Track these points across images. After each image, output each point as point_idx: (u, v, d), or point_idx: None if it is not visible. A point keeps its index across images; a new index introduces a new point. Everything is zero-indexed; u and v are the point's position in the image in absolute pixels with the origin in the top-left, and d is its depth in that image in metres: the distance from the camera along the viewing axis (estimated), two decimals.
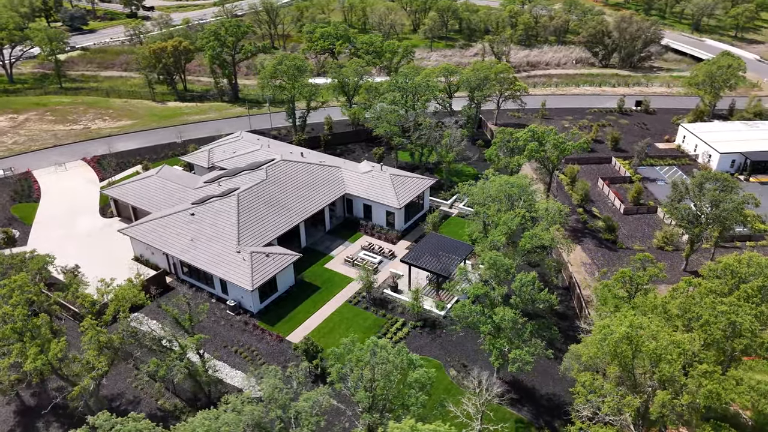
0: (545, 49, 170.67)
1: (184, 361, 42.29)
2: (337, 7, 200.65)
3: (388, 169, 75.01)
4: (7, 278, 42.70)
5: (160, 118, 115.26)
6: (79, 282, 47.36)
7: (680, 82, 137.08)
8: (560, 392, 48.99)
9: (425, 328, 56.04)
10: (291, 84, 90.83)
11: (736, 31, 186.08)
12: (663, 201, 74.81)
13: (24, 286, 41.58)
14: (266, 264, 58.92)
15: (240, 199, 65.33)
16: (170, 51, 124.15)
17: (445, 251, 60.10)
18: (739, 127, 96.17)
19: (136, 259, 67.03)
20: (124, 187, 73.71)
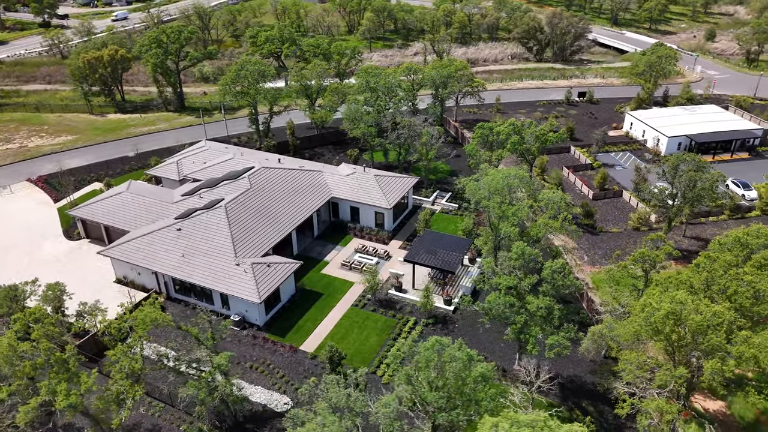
0: (481, 46, 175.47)
1: (222, 380, 40.36)
2: (270, 10, 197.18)
3: (371, 170, 74.74)
4: (20, 311, 39.04)
5: (104, 132, 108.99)
6: (99, 309, 43.99)
7: (614, 72, 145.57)
8: (580, 373, 50.72)
9: (437, 325, 56.38)
10: (254, 89, 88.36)
11: (650, 23, 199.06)
12: (634, 185, 79.08)
13: (44, 319, 38.10)
14: (269, 274, 57.22)
15: (228, 210, 63.01)
16: (107, 60, 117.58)
17: (443, 247, 60.66)
18: (678, 112, 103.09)
19: (118, 281, 63.13)
20: (92, 207, 69.14)
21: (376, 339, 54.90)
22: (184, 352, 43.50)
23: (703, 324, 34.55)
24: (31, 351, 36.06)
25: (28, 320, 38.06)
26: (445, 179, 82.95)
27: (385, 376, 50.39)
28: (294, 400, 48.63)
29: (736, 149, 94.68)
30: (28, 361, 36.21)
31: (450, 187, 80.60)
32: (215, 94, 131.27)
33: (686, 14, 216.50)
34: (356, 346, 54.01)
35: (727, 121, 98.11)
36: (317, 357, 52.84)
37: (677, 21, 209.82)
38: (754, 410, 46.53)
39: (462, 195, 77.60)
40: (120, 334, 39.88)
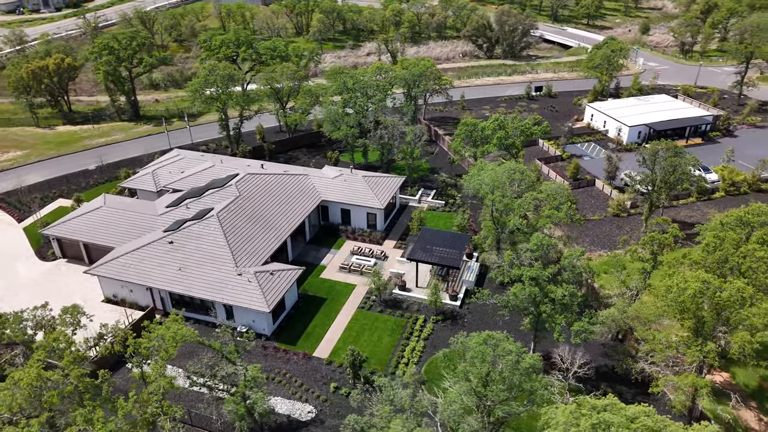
0: (431, 44, 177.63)
1: (260, 394, 39.05)
2: (213, 13, 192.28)
3: (358, 172, 74.29)
4: (48, 336, 36.24)
5: (56, 145, 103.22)
6: (122, 330, 41.45)
7: (563, 66, 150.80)
8: (595, 357, 52.17)
9: (446, 321, 56.71)
10: (226, 94, 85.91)
11: (588, 19, 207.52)
12: (606, 174, 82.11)
13: (70, 344, 35.55)
14: (273, 282, 55.88)
15: (221, 220, 61.07)
16: (53, 70, 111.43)
17: (443, 244, 61.10)
18: (634, 102, 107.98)
19: (107, 300, 59.97)
20: (69, 225, 65.31)
21: (389, 340, 54.66)
22: (206, 368, 41.76)
23: (729, 300, 36.44)
24: (60, 379, 33.61)
25: (53, 347, 35.46)
26: (427, 177, 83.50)
27: (406, 376, 50.17)
28: (317, 408, 47.73)
29: (690, 135, 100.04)
30: (54, 390, 33.77)
31: (433, 184, 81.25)
32: (170, 101, 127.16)
33: (619, 9, 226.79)
34: (370, 348, 53.57)
35: (679, 109, 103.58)
36: (333, 362, 52.06)
37: (611, 16, 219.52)
38: (757, 378, 49.47)
39: (447, 192, 78.58)
40: (147, 353, 37.66)
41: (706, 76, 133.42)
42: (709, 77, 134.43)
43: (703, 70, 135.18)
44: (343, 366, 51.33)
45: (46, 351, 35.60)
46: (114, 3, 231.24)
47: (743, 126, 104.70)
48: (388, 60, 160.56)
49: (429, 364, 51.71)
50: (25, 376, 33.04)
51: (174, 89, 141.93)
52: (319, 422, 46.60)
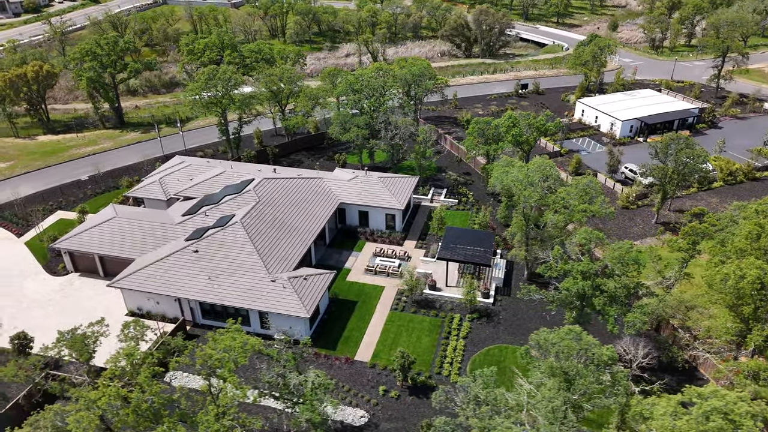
0: (409, 45, 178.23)
1: (333, 400, 38.32)
2: (185, 16, 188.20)
3: (372, 173, 73.83)
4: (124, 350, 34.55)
5: (42, 156, 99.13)
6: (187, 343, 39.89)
7: (543, 63, 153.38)
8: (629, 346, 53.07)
9: (482, 319, 56.90)
10: (228, 98, 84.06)
11: (557, 17, 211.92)
12: (608, 167, 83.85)
13: (146, 359, 34.01)
14: (308, 287, 55.01)
15: (245, 226, 59.74)
16: (31, 78, 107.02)
17: (471, 242, 61.35)
18: (622, 97, 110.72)
19: (131, 313, 57.88)
20: (82, 237, 62.74)
21: (428, 340, 54.50)
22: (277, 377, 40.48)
23: None
24: (139, 397, 32.13)
25: (130, 363, 33.85)
26: (435, 176, 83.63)
27: (452, 375, 50.18)
28: (369, 412, 47.20)
29: (678, 128, 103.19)
30: (128, 408, 32.28)
31: (442, 183, 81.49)
32: (151, 107, 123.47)
33: (586, 8, 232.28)
34: (411, 349, 53.25)
35: (666, 102, 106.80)
36: (376, 365, 51.60)
37: (579, 14, 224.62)
38: None
39: (459, 190, 78.92)
40: (218, 364, 36.21)
41: (680, 71, 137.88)
42: (683, 72, 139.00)
43: (676, 64, 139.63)
44: (388, 368, 50.93)
45: (119, 367, 33.96)
46: (75, 8, 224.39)
47: (726, 117, 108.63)
48: (368, 61, 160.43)
49: (473, 363, 51.80)
50: (104, 396, 31.48)
51: (153, 95, 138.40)
52: (374, 426, 46.10)
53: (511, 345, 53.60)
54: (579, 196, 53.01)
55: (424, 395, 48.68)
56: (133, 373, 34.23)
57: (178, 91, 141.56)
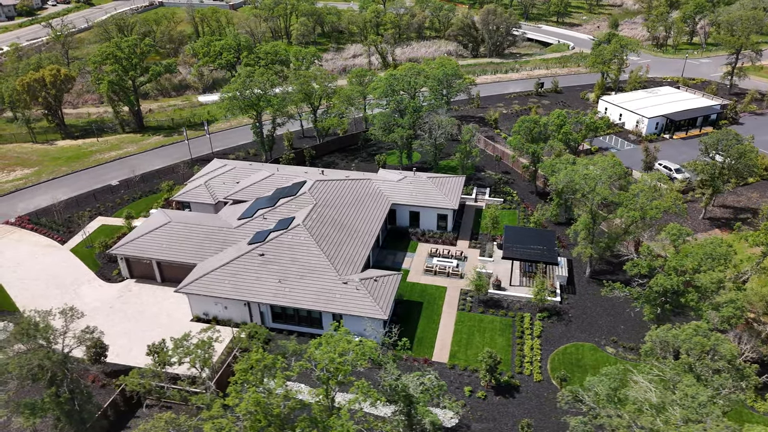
0: (414, 45, 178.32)
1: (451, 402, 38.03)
2: (186, 18, 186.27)
3: (421, 173, 73.66)
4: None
5: (66, 161, 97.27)
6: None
7: (553, 62, 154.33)
8: None
9: (552, 317, 57.01)
10: (265, 100, 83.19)
11: (557, 17, 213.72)
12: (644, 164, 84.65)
13: (275, 363, 33.31)
14: (380, 289, 54.65)
15: (308, 228, 59.17)
16: (49, 82, 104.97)
17: (533, 241, 61.49)
18: (643, 95, 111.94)
19: (197, 318, 56.97)
20: (139, 243, 61.60)
21: (502, 340, 54.46)
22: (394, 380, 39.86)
23: None
24: (277, 408, 31.52)
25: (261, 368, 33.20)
26: (474, 175, 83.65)
27: (535, 375, 50.18)
28: (459, 413, 46.95)
29: (702, 124, 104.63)
30: (260, 414, 31.65)
31: (483, 182, 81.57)
32: (164, 110, 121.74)
33: (583, 7, 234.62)
34: (487, 349, 53.04)
35: (688, 100, 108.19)
36: (456, 366, 51.43)
37: (577, 14, 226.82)
38: None
39: (502, 189, 79.03)
40: (341, 370, 35.62)
41: (688, 68, 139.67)
42: (691, 69, 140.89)
43: (683, 62, 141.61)
44: (468, 369, 50.79)
45: (262, 374, 33.21)
46: (70, 10, 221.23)
47: (745, 114, 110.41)
48: (377, 61, 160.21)
49: (552, 361, 51.89)
50: (243, 402, 30.77)
51: (164, 98, 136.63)
52: (465, 427, 45.90)
53: (587, 342, 53.80)
54: (649, 192, 53.43)
55: (510, 395, 48.64)
56: (260, 377, 33.57)
57: (189, 94, 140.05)
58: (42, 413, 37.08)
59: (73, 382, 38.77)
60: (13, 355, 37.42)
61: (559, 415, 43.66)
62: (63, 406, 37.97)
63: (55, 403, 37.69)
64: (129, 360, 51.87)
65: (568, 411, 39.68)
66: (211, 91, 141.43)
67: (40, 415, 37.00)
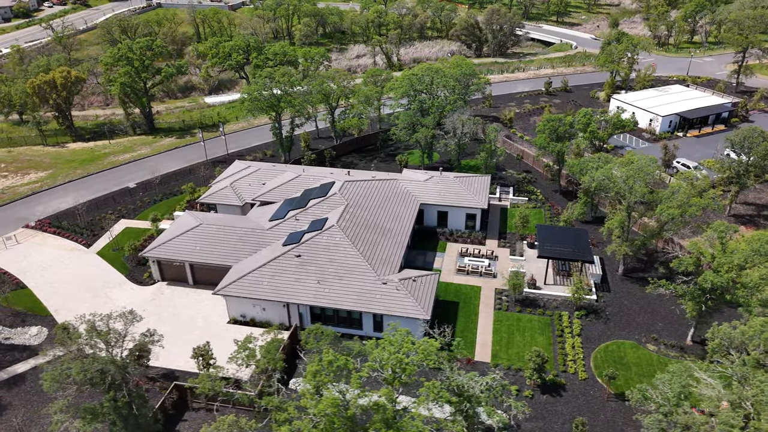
0: (417, 45, 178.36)
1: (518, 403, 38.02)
2: (187, 20, 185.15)
3: (447, 173, 73.65)
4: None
5: (81, 164, 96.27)
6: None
7: (557, 61, 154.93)
8: None
9: (590, 316, 57.13)
10: (286, 101, 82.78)
11: (557, 16, 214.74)
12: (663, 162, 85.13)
13: (346, 364, 33.02)
14: (419, 289, 54.52)
15: (343, 229, 58.93)
16: (60, 84, 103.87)
17: (566, 239, 61.62)
18: (654, 93, 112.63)
19: (234, 321, 56.53)
20: (171, 246, 61.05)
21: (543, 339, 54.50)
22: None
23: None
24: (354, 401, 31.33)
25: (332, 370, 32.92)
26: (496, 174, 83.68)
27: (579, 373, 50.27)
28: (509, 413, 46.86)
29: (713, 123, 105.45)
30: (333, 417, 31.43)
31: (505, 181, 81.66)
32: (171, 112, 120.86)
33: (582, 7, 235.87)
34: (528, 349, 53.09)
35: (700, 98, 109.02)
36: (500, 365, 51.42)
37: (576, 13, 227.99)
38: None
39: (526, 188, 79.15)
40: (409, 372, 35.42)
41: (693, 66, 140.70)
42: (694, 67, 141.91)
43: (686, 60, 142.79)
44: (512, 368, 50.79)
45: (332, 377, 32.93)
46: (67, 12, 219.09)
47: (754, 111, 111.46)
48: (382, 62, 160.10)
49: (595, 359, 52.01)
50: (323, 406, 30.46)
51: (170, 100, 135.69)
52: (516, 427, 45.89)
53: (627, 340, 53.97)
54: (687, 190, 53.73)
55: (557, 393, 48.69)
56: (333, 379, 33.32)
57: (194, 95, 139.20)
58: (102, 418, 36.59)
59: (132, 387, 38.30)
60: (72, 359, 36.86)
61: (609, 414, 43.74)
62: (121, 411, 37.50)
63: (112, 408, 37.20)
64: (169, 363, 51.44)
65: (620, 409, 39.75)
66: (217, 92, 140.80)
67: (100, 420, 36.51)
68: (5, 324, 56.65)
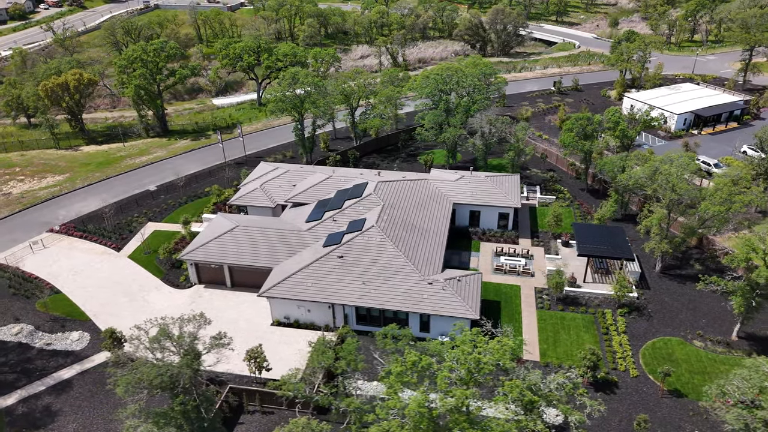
0: (421, 45, 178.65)
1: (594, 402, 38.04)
2: (189, 21, 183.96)
3: (478, 173, 73.71)
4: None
5: (98, 167, 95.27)
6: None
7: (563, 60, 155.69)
8: None
9: (632, 313, 57.33)
10: (310, 102, 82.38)
11: (557, 16, 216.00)
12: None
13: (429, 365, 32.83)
14: (465, 289, 54.46)
15: (383, 229, 58.74)
16: (73, 87, 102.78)
17: (604, 237, 61.87)
18: (666, 92, 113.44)
19: (278, 322, 56.13)
20: (209, 249, 60.46)
21: (589, 337, 54.63)
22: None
23: None
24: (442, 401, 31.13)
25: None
26: (521, 173, 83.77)
27: (630, 370, 50.43)
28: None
29: (727, 120, 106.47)
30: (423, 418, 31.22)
31: (530, 180, 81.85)
32: (180, 114, 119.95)
33: (580, 6, 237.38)
34: (576, 347, 53.29)
35: (712, 96, 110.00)
36: (550, 364, 51.46)
37: (575, 13, 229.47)
38: None
39: (553, 187, 79.38)
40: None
41: (697, 65, 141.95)
42: (700, 65, 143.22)
43: (692, 59, 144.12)
44: (562, 365, 50.85)
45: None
46: (63, 14, 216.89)
47: (765, 108, 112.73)
48: (387, 62, 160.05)
49: (643, 356, 52.22)
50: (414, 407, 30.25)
51: (177, 102, 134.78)
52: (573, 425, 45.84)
53: (673, 337, 54.25)
54: (730, 186, 54.22)
55: (610, 391, 48.82)
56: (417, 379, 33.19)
57: (202, 97, 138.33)
58: (174, 421, 36.15)
59: (201, 390, 37.87)
60: (143, 364, 36.38)
61: (666, 410, 43.92)
62: (190, 414, 37.07)
63: (181, 412, 36.76)
64: (217, 366, 50.80)
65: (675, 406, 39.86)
66: (224, 93, 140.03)
67: (173, 424, 36.06)
68: (45, 329, 55.83)
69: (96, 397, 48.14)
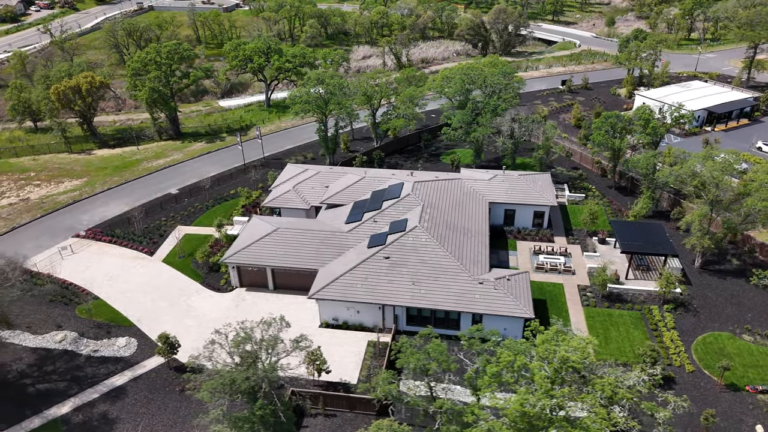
0: (422, 45, 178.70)
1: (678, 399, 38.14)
2: (187, 22, 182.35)
3: (511, 172, 73.81)
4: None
5: (115, 171, 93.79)
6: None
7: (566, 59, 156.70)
8: None
9: (678, 309, 57.68)
10: (335, 103, 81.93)
11: (553, 15, 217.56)
12: None
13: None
14: (516, 288, 54.44)
15: (427, 229, 58.54)
16: (85, 90, 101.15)
17: (644, 234, 62.27)
18: (676, 89, 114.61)
19: (326, 324, 55.67)
20: (251, 251, 59.76)
21: (638, 334, 54.86)
22: None
23: None
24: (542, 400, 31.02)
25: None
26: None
27: (686, 366, 50.74)
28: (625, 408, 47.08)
29: (738, 117, 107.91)
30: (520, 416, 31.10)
31: (557, 178, 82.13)
32: (189, 116, 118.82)
33: (575, 5, 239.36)
34: (628, 343, 53.52)
35: (723, 93, 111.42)
36: (606, 362, 51.54)
37: (570, 12, 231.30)
38: None
39: (582, 185, 79.73)
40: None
41: (699, 63, 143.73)
42: (702, 63, 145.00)
43: (692, 57, 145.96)
44: (617, 362, 51.05)
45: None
46: (56, 16, 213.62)
47: None
48: (391, 62, 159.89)
49: (696, 352, 52.58)
50: (516, 406, 30.11)
51: (182, 104, 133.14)
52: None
53: (722, 332, 54.71)
54: None
55: (668, 387, 49.04)
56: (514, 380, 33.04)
57: (207, 99, 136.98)
58: (253, 426, 35.62)
59: (280, 395, 37.38)
60: (230, 369, 35.80)
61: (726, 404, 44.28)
62: (269, 418, 36.56)
63: (260, 417, 36.23)
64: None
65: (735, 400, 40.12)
66: (230, 95, 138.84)
67: (256, 429, 35.51)
68: (90, 336, 54.76)
69: (153, 404, 47.29)
